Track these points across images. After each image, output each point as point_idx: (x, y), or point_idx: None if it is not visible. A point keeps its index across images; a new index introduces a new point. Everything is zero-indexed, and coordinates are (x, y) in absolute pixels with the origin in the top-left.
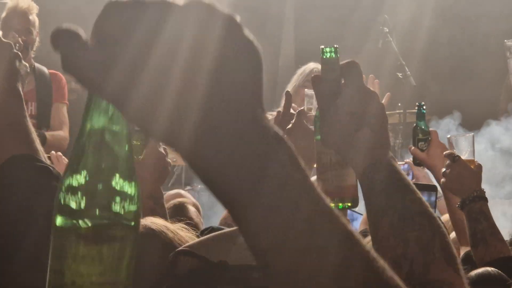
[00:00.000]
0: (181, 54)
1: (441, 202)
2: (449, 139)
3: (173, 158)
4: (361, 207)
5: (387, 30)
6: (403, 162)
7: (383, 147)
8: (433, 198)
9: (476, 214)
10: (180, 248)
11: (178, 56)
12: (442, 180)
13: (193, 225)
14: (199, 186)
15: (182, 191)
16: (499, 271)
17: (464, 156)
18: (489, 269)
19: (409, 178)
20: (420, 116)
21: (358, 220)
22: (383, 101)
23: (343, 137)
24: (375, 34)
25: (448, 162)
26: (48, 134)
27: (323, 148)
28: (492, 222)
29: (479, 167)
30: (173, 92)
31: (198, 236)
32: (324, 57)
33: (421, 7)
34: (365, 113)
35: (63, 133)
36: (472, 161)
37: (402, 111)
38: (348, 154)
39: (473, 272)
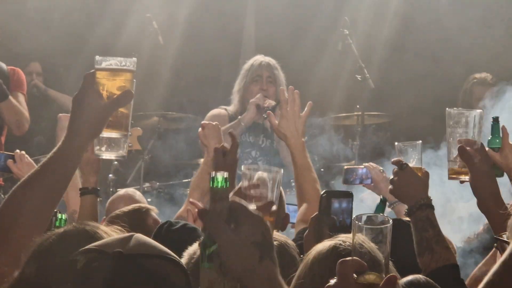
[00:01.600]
0: None
1: (399, 207)
2: (396, 146)
3: (129, 143)
4: None
5: (347, 32)
6: (362, 166)
7: None
8: (350, 205)
9: (422, 222)
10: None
11: None
12: (390, 187)
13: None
14: (158, 183)
15: (131, 191)
16: (428, 279)
17: (411, 164)
18: (418, 276)
19: (368, 181)
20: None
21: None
22: (305, 110)
23: (245, 268)
24: (335, 36)
25: (395, 169)
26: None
27: (217, 277)
28: (438, 230)
29: (426, 174)
30: None
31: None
32: (215, 186)
33: (382, 9)
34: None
35: (26, 113)
36: (420, 169)
37: (360, 113)
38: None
39: (403, 280)
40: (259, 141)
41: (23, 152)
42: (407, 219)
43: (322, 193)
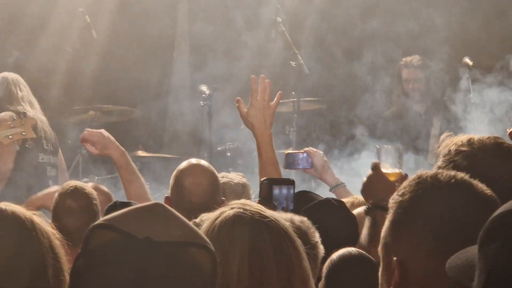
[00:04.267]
0: None
1: (340, 190)
2: (378, 149)
3: (23, 131)
4: None
5: (280, 20)
6: (302, 151)
7: None
8: (291, 192)
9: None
10: (97, 222)
11: None
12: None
13: None
14: (96, 178)
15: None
16: (360, 251)
17: (388, 167)
18: (350, 249)
19: (309, 166)
20: None
21: None
22: (274, 100)
23: None
24: (267, 23)
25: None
26: None
27: None
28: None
29: (402, 179)
30: None
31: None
32: None
33: None
34: None
35: None
36: (395, 174)
37: (295, 99)
38: None
39: (334, 254)
40: None
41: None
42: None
43: (262, 179)
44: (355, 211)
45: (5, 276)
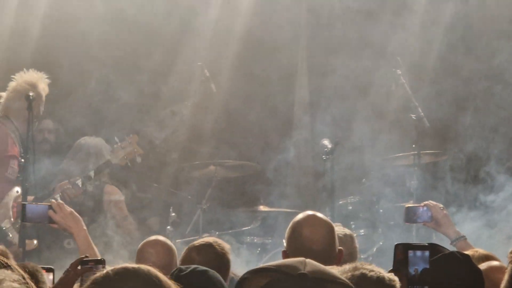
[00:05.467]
0: None
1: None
2: None
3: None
4: None
5: (400, 73)
6: (422, 204)
7: None
8: (426, 254)
9: None
10: (256, 268)
11: None
12: None
13: None
14: (217, 232)
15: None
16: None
17: None
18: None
19: (429, 220)
20: None
21: None
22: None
23: None
24: (385, 75)
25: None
26: None
27: None
28: None
29: None
30: None
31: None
32: None
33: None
34: None
35: None
36: None
37: (416, 152)
38: None
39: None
40: None
41: (60, 201)
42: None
43: (397, 243)
44: (480, 266)
45: None
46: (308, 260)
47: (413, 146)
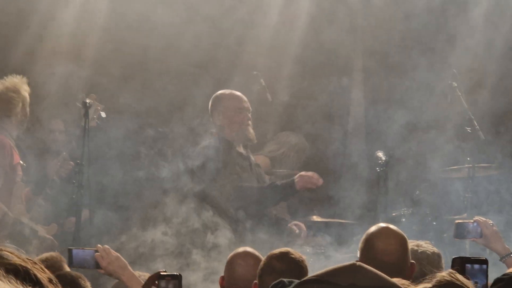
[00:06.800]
0: None
1: (510, 260)
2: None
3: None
4: None
5: (456, 85)
6: (472, 220)
7: None
8: (484, 267)
9: None
10: (305, 278)
11: None
12: None
13: None
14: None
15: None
16: None
17: None
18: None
19: (477, 236)
20: None
21: None
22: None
23: None
24: (441, 88)
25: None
26: None
27: None
28: None
29: None
30: None
31: None
32: None
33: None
34: None
35: None
36: None
37: (471, 165)
38: None
39: None
40: None
41: (106, 246)
42: None
43: (454, 257)
44: None
45: None
46: (359, 264)
47: (468, 159)
